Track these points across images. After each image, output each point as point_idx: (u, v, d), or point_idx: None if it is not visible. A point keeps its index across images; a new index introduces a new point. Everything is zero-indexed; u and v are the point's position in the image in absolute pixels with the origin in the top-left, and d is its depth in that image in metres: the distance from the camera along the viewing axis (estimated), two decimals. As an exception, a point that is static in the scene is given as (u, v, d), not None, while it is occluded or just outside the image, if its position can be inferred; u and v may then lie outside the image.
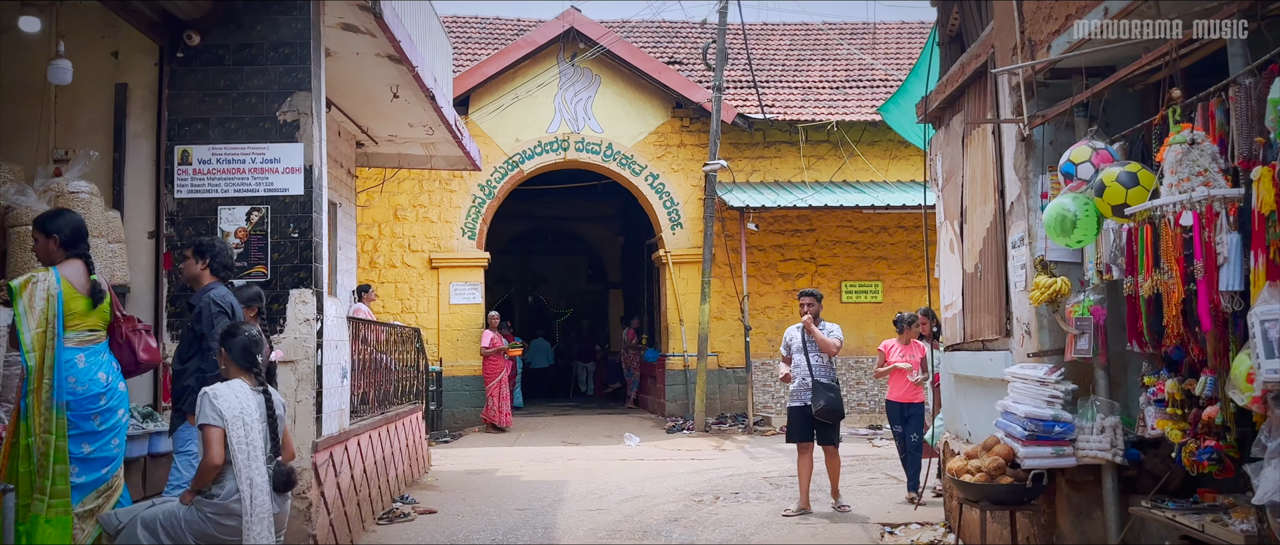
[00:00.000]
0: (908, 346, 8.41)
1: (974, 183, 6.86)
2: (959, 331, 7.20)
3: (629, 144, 15.03)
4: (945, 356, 7.56)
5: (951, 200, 7.39)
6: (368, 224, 14.39)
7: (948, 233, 7.49)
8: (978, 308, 6.78)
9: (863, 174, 15.34)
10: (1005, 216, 6.25)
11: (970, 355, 6.92)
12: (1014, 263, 6.08)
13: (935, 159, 7.85)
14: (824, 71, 16.75)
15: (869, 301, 15.13)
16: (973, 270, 6.88)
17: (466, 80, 14.25)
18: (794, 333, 7.80)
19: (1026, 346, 5.85)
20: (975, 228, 6.83)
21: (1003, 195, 6.27)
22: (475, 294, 14.56)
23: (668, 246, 15.04)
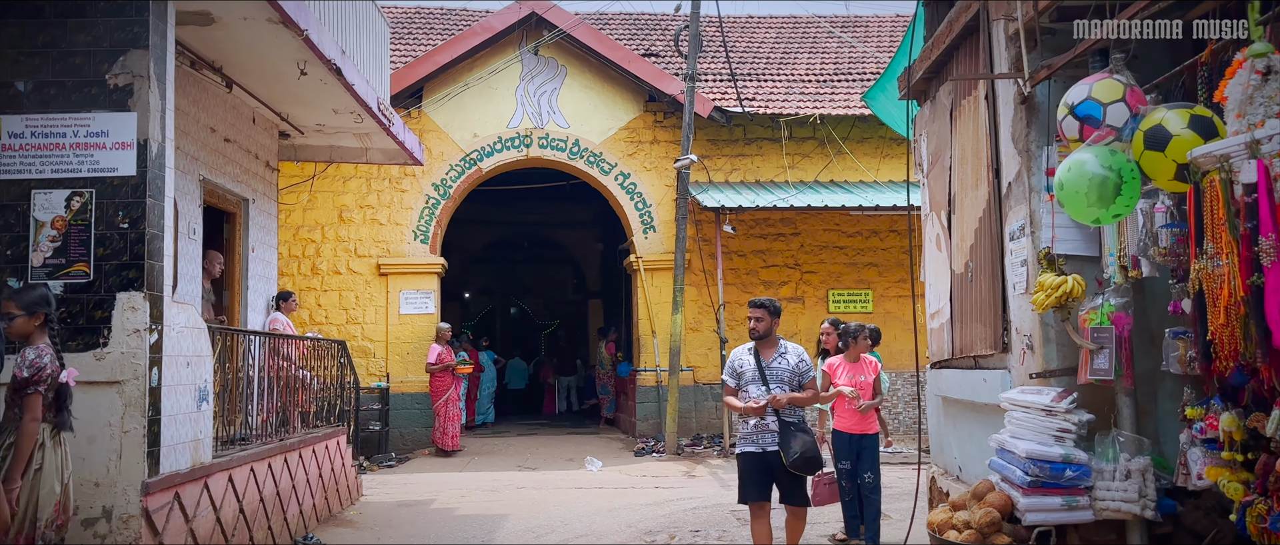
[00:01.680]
0: (857, 365, 6.65)
1: (964, 164, 5.63)
2: (946, 345, 5.95)
3: (597, 140, 13.82)
4: (931, 376, 6.31)
5: (938, 187, 6.16)
6: (310, 226, 13.19)
7: (934, 226, 6.25)
8: (968, 316, 5.54)
9: (851, 173, 14.11)
10: (1001, 202, 5.02)
11: (960, 375, 5.68)
12: (1012, 259, 4.84)
13: (920, 139, 6.62)
14: (811, 64, 15.55)
15: (859, 311, 13.87)
16: (962, 270, 5.65)
17: (418, 69, 13.07)
18: (744, 357, 5.66)
19: (1028, 365, 4.60)
20: (965, 218, 5.60)
21: (998, 175, 5.05)
22: (428, 303, 13.34)
23: (639, 252, 13.82)
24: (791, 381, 5.44)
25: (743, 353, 5.70)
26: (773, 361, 5.50)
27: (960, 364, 5.74)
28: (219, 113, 8.74)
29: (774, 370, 5.49)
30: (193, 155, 8.21)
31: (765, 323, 5.58)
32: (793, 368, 5.48)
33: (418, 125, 13.49)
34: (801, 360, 5.56)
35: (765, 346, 5.59)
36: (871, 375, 6.60)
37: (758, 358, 5.55)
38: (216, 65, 8.18)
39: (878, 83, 9.28)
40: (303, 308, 13.07)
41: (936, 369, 6.19)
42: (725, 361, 12.48)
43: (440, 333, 12.75)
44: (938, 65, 6.06)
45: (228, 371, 7.47)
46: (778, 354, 5.54)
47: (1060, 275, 4.27)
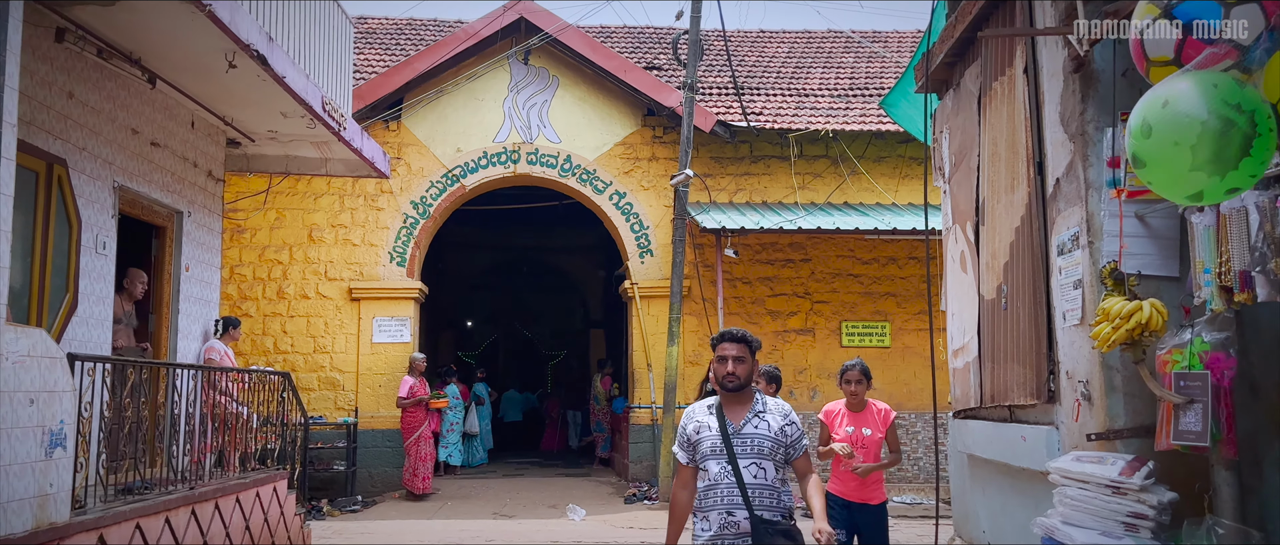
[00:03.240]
0: (861, 414, 5.39)
1: (995, 162, 4.47)
2: (973, 389, 4.76)
3: (591, 157, 12.75)
4: (954, 427, 5.11)
5: (963, 194, 4.99)
6: (277, 246, 12.16)
7: (958, 242, 5.08)
8: (1001, 353, 4.36)
9: (867, 195, 12.94)
10: (1046, 205, 3.86)
11: (991, 429, 4.48)
12: (1062, 279, 3.67)
13: (941, 137, 5.46)
14: (824, 79, 14.44)
15: (875, 346, 12.64)
16: (993, 295, 4.47)
17: (395, 78, 12.08)
18: (701, 420, 3.97)
19: (1085, 422, 3.42)
20: (997, 230, 4.43)
21: (1042, 171, 3.89)
22: (403, 331, 12.24)
23: (635, 278, 12.68)
24: (774, 456, 3.80)
25: (701, 413, 3.95)
26: (744, 426, 3.81)
27: (991, 414, 4.54)
28: (144, 112, 7.73)
29: (746, 440, 3.77)
30: (106, 158, 7.19)
31: (745, 366, 3.88)
32: (775, 435, 3.81)
33: (397, 138, 12.48)
34: (789, 423, 3.87)
35: (735, 403, 3.87)
36: (880, 429, 5.27)
37: (722, 420, 3.81)
38: (134, 56, 7.17)
39: (898, 85, 8.14)
40: (267, 335, 12.04)
41: (961, 419, 4.99)
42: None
43: (414, 364, 11.63)
44: (963, 44, 4.93)
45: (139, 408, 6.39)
46: (752, 414, 3.83)
47: (1131, 299, 3.10)
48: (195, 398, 7.36)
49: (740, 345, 3.93)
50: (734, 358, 3.91)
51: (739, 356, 3.91)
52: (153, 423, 7.17)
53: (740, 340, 3.95)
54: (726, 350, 3.94)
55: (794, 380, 12.53)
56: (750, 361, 3.92)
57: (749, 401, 3.90)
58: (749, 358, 3.92)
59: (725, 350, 3.94)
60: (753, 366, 3.94)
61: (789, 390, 12.49)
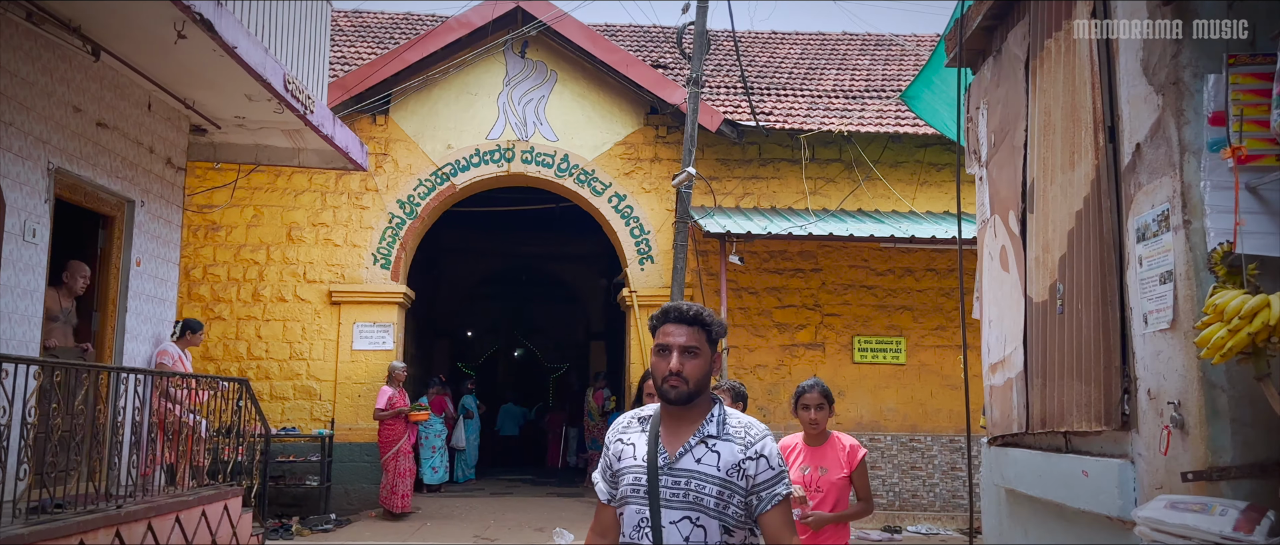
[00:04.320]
0: (821, 449, 4.39)
1: (1049, 134, 3.69)
2: (1016, 411, 3.97)
3: (589, 156, 12.00)
4: (990, 456, 4.31)
5: (1005, 178, 4.21)
6: (253, 245, 11.44)
7: (997, 235, 4.29)
8: (1056, 367, 3.56)
9: (883, 202, 12.15)
10: (1119, 181, 3.08)
11: (1040, 460, 3.69)
12: (1143, 272, 2.89)
13: (977, 115, 4.68)
14: (838, 80, 13.68)
15: (889, 362, 11.82)
16: (1046, 296, 3.68)
17: (382, 68, 11.37)
18: (626, 442, 2.64)
19: (1178, 455, 2.63)
20: (1052, 217, 3.65)
21: (1114, 138, 3.12)
22: (386, 338, 11.48)
23: (634, 286, 11.91)
24: (722, 510, 2.46)
25: (629, 428, 2.65)
26: (681, 458, 2.49)
27: (1039, 442, 3.75)
28: (88, 89, 7.01)
29: (680, 480, 2.47)
30: (39, 136, 6.47)
31: (699, 362, 2.52)
32: (723, 477, 2.46)
33: (383, 133, 11.77)
34: (753, 456, 2.49)
35: (678, 420, 2.56)
36: (843, 467, 4.30)
37: (653, 443, 2.53)
38: (72, 23, 6.46)
39: (921, 73, 7.36)
40: (241, 339, 11.30)
41: (998, 447, 4.19)
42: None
43: (393, 373, 10.86)
44: (1005, 2, 4.15)
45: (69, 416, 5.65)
46: (696, 440, 2.51)
47: (1254, 293, 2.31)
48: (141, 405, 6.62)
49: (692, 329, 2.52)
50: (682, 349, 2.49)
51: (690, 347, 2.50)
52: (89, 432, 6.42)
53: (693, 321, 2.54)
54: (671, 335, 2.52)
55: (802, 398, 11.69)
56: (707, 356, 2.54)
57: (698, 419, 2.54)
58: (706, 350, 2.54)
59: (669, 335, 2.53)
60: (710, 363, 2.55)
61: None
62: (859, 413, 11.73)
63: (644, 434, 2.58)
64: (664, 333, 2.54)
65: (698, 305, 2.59)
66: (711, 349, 2.57)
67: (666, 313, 2.58)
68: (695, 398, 2.52)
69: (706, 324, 2.56)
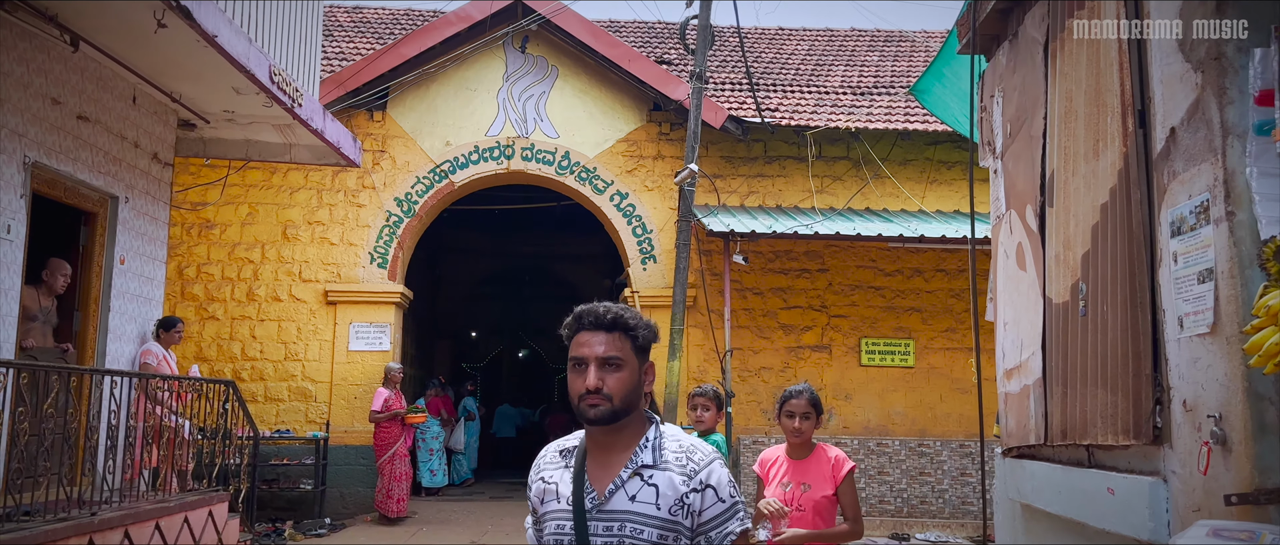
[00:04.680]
0: (806, 462, 3.99)
1: (1071, 121, 3.42)
2: (1034, 421, 3.69)
3: (591, 153, 11.75)
4: (1004, 469, 4.03)
5: (1022, 169, 3.93)
6: (248, 243, 11.21)
7: (1013, 231, 4.01)
8: (1077, 375, 3.29)
9: (892, 201, 11.87)
10: (1150, 169, 2.81)
11: (1058, 474, 3.42)
12: (1179, 269, 2.61)
13: (991, 104, 4.41)
14: (846, 77, 13.39)
15: (897, 365, 11.53)
16: (1066, 297, 3.41)
17: (379, 63, 11.13)
18: (550, 477, 2.16)
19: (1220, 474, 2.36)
20: (1073, 211, 3.37)
21: (1145, 122, 2.84)
22: (383, 339, 11.24)
23: (636, 286, 11.64)
24: None
25: (552, 466, 2.18)
26: (612, 497, 2.06)
27: (1060, 455, 3.48)
28: (68, 80, 6.79)
29: (614, 519, 2.04)
30: (14, 129, 6.24)
31: (623, 377, 2.06)
32: (664, 517, 2.02)
33: (381, 130, 11.53)
34: (698, 488, 2.04)
35: (606, 448, 2.12)
36: (829, 484, 3.90)
37: (580, 481, 2.09)
38: (48, 12, 6.23)
39: (932, 65, 7.07)
40: (235, 340, 11.08)
41: (1013, 459, 3.91)
42: (728, 420, 10.22)
43: (389, 374, 10.62)
44: (1023, -18, 3.88)
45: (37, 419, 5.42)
46: (629, 473, 2.07)
47: (1310, 294, 2.04)
48: (118, 408, 6.38)
49: (612, 336, 2.06)
50: (601, 361, 2.03)
51: (610, 358, 2.04)
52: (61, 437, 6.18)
53: (612, 326, 2.07)
54: (587, 345, 2.06)
55: (808, 401, 11.41)
56: (634, 367, 2.07)
57: (630, 446, 2.08)
58: (631, 360, 2.07)
59: (584, 345, 2.06)
60: (639, 376, 2.09)
61: (802, 412, 11.37)
62: (866, 417, 11.44)
63: (568, 470, 2.11)
64: (578, 342, 2.08)
65: (620, 307, 2.11)
66: (639, 358, 2.10)
67: (580, 318, 2.10)
68: (621, 418, 2.05)
69: (630, 328, 2.08)
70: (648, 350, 2.14)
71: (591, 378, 2.03)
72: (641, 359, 2.11)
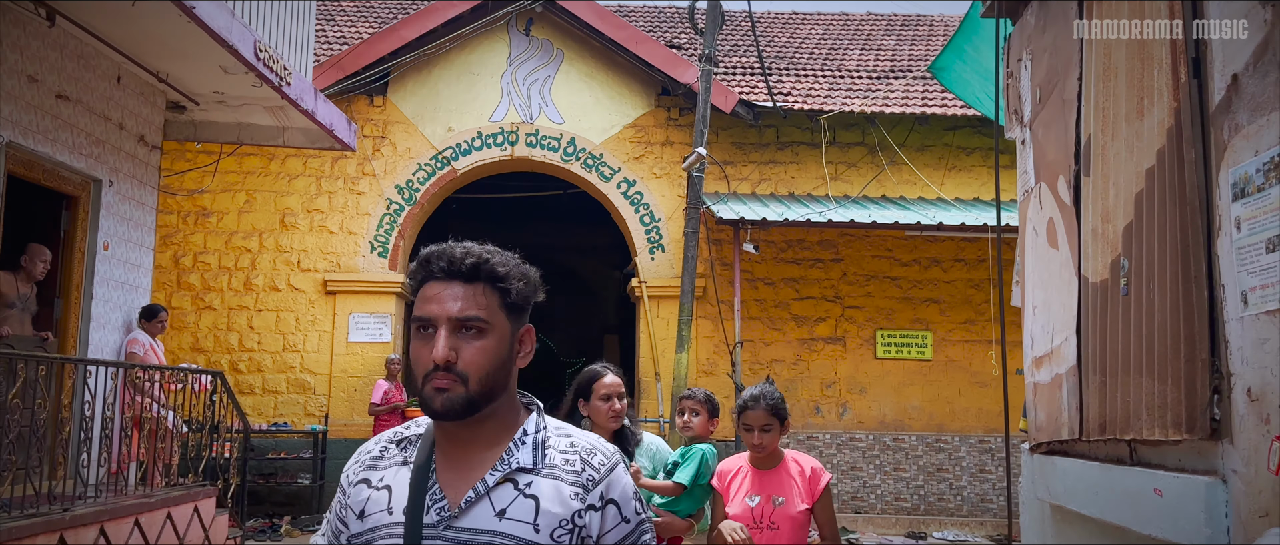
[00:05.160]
0: (773, 474, 3.47)
1: (1110, 79, 3.06)
2: (1066, 414, 3.33)
3: (597, 139, 11.41)
4: (1031, 465, 3.67)
5: (1053, 137, 3.57)
6: (245, 232, 10.94)
7: (1043, 206, 3.65)
8: (1118, 362, 2.93)
9: (908, 188, 11.48)
10: (1206, 124, 2.44)
11: (1096, 473, 3.06)
12: (1241, 238, 2.25)
13: (1018, 68, 4.04)
14: (862, 61, 13.00)
15: (914, 358, 11.15)
16: (1104, 276, 3.05)
17: (379, 45, 10.83)
18: (379, 465, 1.58)
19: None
20: (1113, 178, 3.01)
21: (1199, 71, 2.48)
22: (383, 330, 10.96)
23: (644, 276, 11.32)
24: None
25: (381, 464, 1.56)
26: (468, 510, 1.45)
27: (1097, 451, 3.12)
28: (46, 58, 6.50)
29: (466, 540, 1.42)
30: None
31: (484, 348, 1.46)
32: (549, 537, 1.44)
33: (381, 115, 11.24)
34: (604, 503, 1.49)
35: (466, 447, 1.51)
36: (804, 498, 3.40)
37: (420, 486, 1.48)
38: (19, -17, 5.93)
39: (952, 41, 6.69)
40: (232, 330, 10.81)
41: (1043, 455, 3.56)
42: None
43: (390, 366, 10.33)
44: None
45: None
46: (498, 476, 1.47)
47: None
48: (93, 398, 6.11)
49: (472, 289, 1.48)
50: (455, 324, 1.46)
51: (470, 320, 1.47)
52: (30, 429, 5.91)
53: (472, 274, 1.49)
54: (435, 301, 1.48)
55: (821, 396, 11.09)
56: (504, 334, 1.49)
57: (499, 441, 1.52)
58: (501, 324, 1.50)
59: (432, 300, 1.48)
60: (511, 347, 1.51)
61: (815, 407, 11.05)
62: (882, 411, 11.07)
63: (407, 468, 1.52)
64: (425, 298, 1.48)
65: (486, 248, 1.51)
66: (511, 322, 1.50)
67: (428, 262, 1.50)
68: (481, 408, 1.46)
69: (499, 278, 1.48)
70: (525, 310, 1.54)
71: (440, 348, 1.43)
72: (515, 322, 1.52)
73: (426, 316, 1.48)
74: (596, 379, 3.62)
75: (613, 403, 3.58)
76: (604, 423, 3.57)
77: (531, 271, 1.56)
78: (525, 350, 1.56)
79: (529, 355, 1.57)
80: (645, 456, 3.79)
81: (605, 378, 3.62)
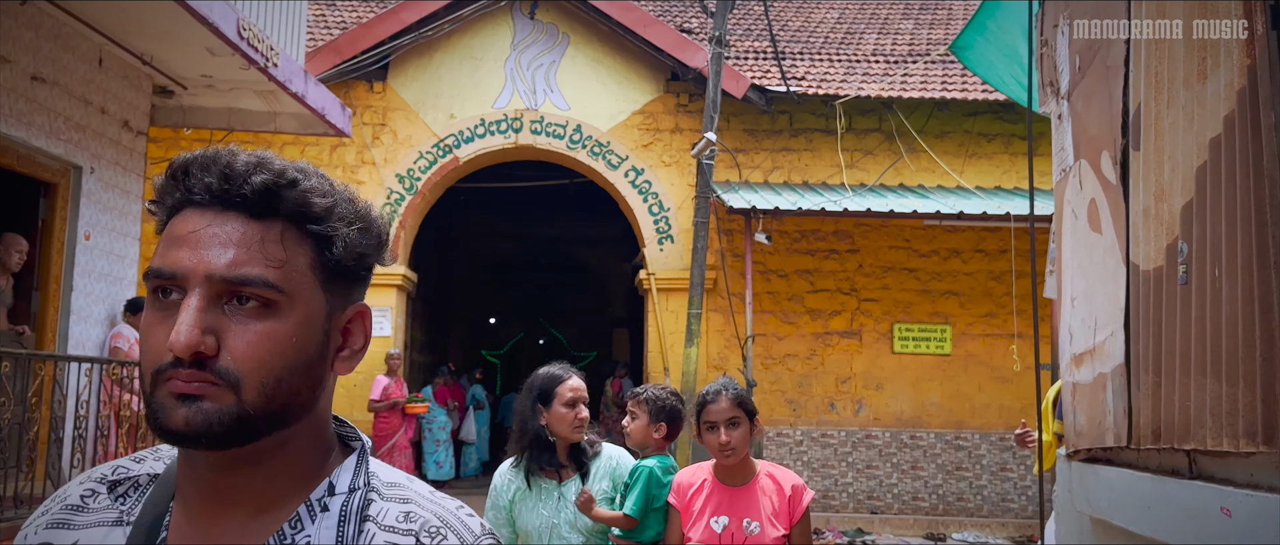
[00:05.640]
0: (744, 490, 2.94)
1: (1163, 41, 2.67)
2: (1111, 417, 2.96)
3: (604, 127, 11.05)
4: (1069, 473, 3.30)
5: (1094, 109, 3.19)
6: (242, 223, 10.62)
7: (1084, 186, 3.27)
8: (1176, 361, 2.54)
9: (928, 176, 11.07)
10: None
11: (1148, 486, 2.68)
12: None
13: (1054, 33, 3.65)
14: (879, 45, 12.58)
15: (933, 352, 10.76)
16: (1159, 261, 2.67)
17: (378, 28, 10.49)
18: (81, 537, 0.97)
19: None
20: (1169, 152, 2.62)
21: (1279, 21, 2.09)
22: (383, 323, 10.64)
23: (652, 267, 10.96)
24: None
25: (82, 516, 0.97)
26: None
27: (1149, 461, 2.75)
28: (19, 37, 6.20)
29: None
30: (-49, 88, 5.64)
31: (269, 332, 0.89)
32: None
33: (381, 102, 10.91)
34: None
35: (217, 494, 0.93)
36: (782, 520, 2.86)
37: None
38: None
39: (975, 17, 6.30)
40: (229, 323, 10.49)
41: (1082, 463, 3.19)
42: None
43: (389, 361, 10.03)
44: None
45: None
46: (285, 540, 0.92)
47: None
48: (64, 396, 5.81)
49: (254, 229, 0.90)
50: (219, 286, 0.88)
51: (245, 280, 0.88)
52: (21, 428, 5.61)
53: (257, 203, 0.90)
54: (187, 242, 0.89)
55: (836, 391, 10.71)
56: (311, 313, 0.92)
57: (284, 495, 0.94)
58: (304, 293, 0.92)
59: (183, 241, 0.89)
60: (321, 334, 0.94)
61: (830, 403, 10.68)
62: (899, 407, 10.69)
63: (118, 531, 0.95)
64: (173, 237, 0.91)
65: (288, 163, 0.93)
66: (328, 295, 0.95)
67: (186, 172, 0.91)
68: (263, 434, 0.90)
69: (312, 215, 0.92)
70: (358, 279, 0.98)
71: (186, 327, 0.85)
72: (336, 296, 0.95)
73: (169, 269, 0.88)
74: (559, 382, 3.16)
75: (578, 410, 3.15)
76: (567, 433, 3.13)
77: (374, 213, 0.97)
78: (352, 346, 0.98)
79: (358, 355, 0.99)
80: (602, 475, 3.17)
81: (570, 380, 3.18)
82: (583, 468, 3.18)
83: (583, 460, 3.19)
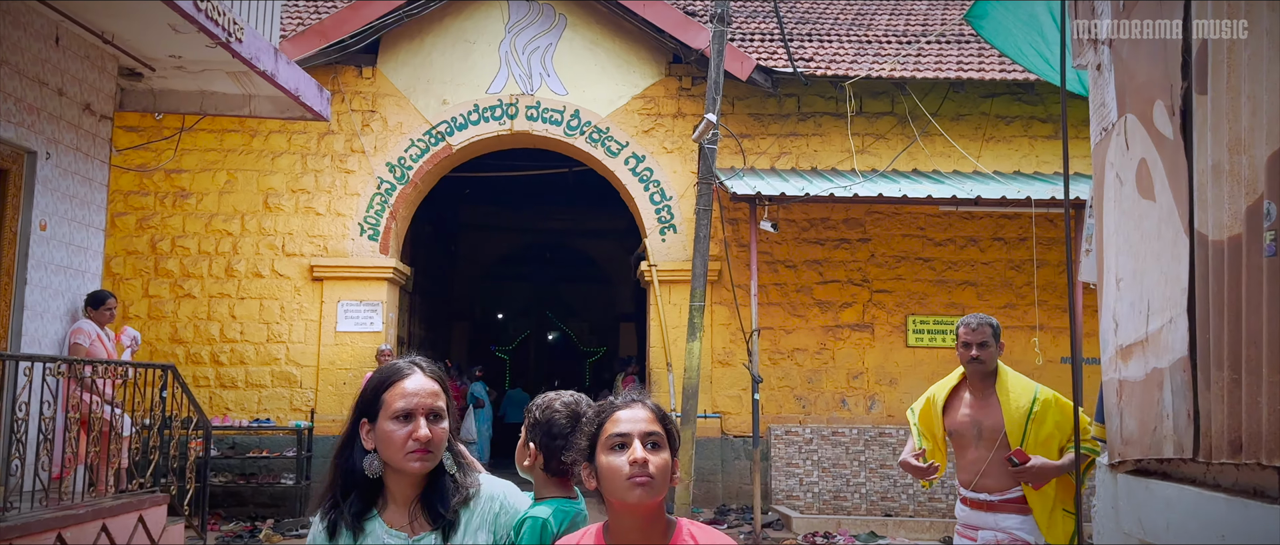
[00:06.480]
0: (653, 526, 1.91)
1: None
2: (1169, 423, 2.44)
3: (604, 112, 10.56)
4: (1116, 487, 2.80)
5: (1145, 56, 2.67)
6: (226, 214, 10.21)
7: (1131, 146, 2.75)
8: (1259, 355, 2.03)
9: (943, 161, 10.53)
10: None
11: (1220, 506, 2.16)
12: None
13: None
14: (892, 25, 12.03)
15: (949, 346, 10.22)
16: (1235, 230, 2.15)
17: (367, 10, 10.02)
18: None
19: None
20: (1246, 94, 2.10)
21: None
22: (374, 318, 10.20)
23: (654, 258, 10.48)
24: None
25: None
26: None
27: (1220, 477, 2.24)
28: (-41, 11, 5.74)
29: None
30: (-118, 64, 5.20)
31: None
32: None
33: (371, 88, 10.46)
34: None
35: None
36: None
37: None
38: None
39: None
40: (212, 320, 10.11)
41: (1130, 475, 2.67)
42: (756, 407, 9.01)
43: (381, 357, 9.58)
44: None
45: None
46: None
47: None
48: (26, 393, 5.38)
49: None
50: None
51: None
52: None
53: None
54: None
55: (847, 387, 10.20)
56: None
57: None
58: None
59: None
60: None
61: (841, 399, 10.17)
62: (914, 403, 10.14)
63: None
64: None
65: None
66: None
67: None
68: None
69: None
70: None
71: None
72: None
73: None
74: (390, 383, 1.97)
75: (416, 425, 1.91)
76: (400, 461, 1.92)
77: None
78: None
79: None
80: (481, 525, 2.02)
81: (406, 381, 1.95)
82: (447, 514, 1.99)
83: (445, 501, 1.99)
